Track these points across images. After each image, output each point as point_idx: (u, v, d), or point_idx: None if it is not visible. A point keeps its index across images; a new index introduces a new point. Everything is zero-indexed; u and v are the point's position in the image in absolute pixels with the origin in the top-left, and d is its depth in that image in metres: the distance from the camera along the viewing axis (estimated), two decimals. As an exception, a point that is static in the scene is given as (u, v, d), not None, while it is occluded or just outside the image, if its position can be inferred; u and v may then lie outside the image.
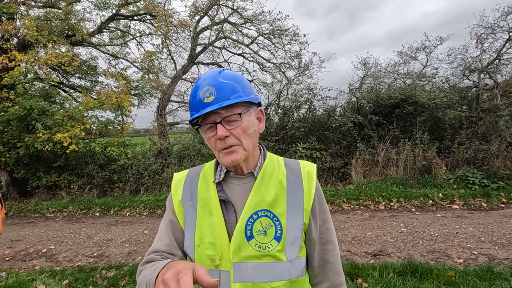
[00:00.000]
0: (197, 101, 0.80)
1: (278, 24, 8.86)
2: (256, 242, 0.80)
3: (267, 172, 0.87)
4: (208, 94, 0.78)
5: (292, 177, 0.88)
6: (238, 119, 0.81)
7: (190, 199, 0.88)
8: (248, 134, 0.83)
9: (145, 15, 9.15)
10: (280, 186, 0.85)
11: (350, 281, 2.91)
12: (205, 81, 0.81)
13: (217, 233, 0.82)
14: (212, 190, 0.87)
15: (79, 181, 7.58)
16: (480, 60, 7.04)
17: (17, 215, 6.64)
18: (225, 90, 0.79)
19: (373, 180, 6.27)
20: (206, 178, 0.90)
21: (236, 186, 0.87)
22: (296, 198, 0.85)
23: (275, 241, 0.80)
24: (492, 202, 5.06)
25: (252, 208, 0.82)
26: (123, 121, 8.23)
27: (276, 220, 0.81)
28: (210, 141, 0.82)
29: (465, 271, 2.89)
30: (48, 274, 3.51)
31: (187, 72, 9.55)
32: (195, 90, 0.82)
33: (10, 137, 7.20)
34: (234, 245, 0.79)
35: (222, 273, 0.80)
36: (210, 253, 0.81)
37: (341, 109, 7.82)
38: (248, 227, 0.80)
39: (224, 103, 0.78)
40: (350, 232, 4.30)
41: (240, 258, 0.79)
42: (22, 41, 7.72)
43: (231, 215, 0.83)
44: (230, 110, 0.80)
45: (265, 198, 0.83)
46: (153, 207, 6.21)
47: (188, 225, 0.86)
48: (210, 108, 0.77)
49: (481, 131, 6.31)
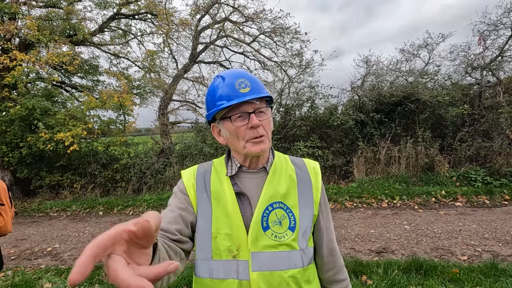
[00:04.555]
0: (231, 91, 0.84)
1: (279, 22, 8.86)
2: (272, 232, 0.84)
3: (278, 167, 0.92)
4: (244, 85, 0.84)
5: (300, 172, 0.93)
6: (268, 112, 0.88)
7: (205, 191, 0.90)
8: (270, 127, 0.90)
9: (146, 14, 9.14)
10: (291, 180, 0.90)
11: (355, 278, 2.92)
12: (235, 75, 0.86)
13: (234, 224, 0.84)
14: (226, 184, 0.89)
15: (82, 180, 7.60)
16: (483, 57, 7.01)
17: (21, 215, 6.67)
18: (257, 83, 0.88)
19: (376, 178, 6.27)
20: (218, 172, 0.93)
21: (249, 180, 0.90)
22: (306, 191, 0.91)
23: (290, 231, 0.85)
24: (495, 199, 5.06)
25: (267, 200, 0.86)
26: (125, 121, 8.25)
27: (289, 212, 0.87)
28: (239, 130, 0.84)
29: (469, 268, 2.89)
30: (54, 272, 3.54)
31: (188, 71, 9.54)
32: (226, 82, 0.85)
33: (13, 136, 7.22)
34: (252, 236, 0.83)
35: (240, 263, 0.82)
36: (228, 243, 0.83)
37: (343, 107, 7.81)
38: (264, 218, 0.85)
39: (261, 94, 0.85)
40: (354, 230, 4.31)
41: (257, 248, 0.83)
42: (24, 41, 7.74)
43: (246, 207, 0.86)
44: (261, 103, 0.87)
45: (278, 191, 0.87)
46: (156, 206, 6.23)
47: (203, 216, 0.87)
48: (248, 97, 0.82)
49: (484, 129, 6.30)
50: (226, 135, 0.88)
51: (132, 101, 8.43)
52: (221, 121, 0.88)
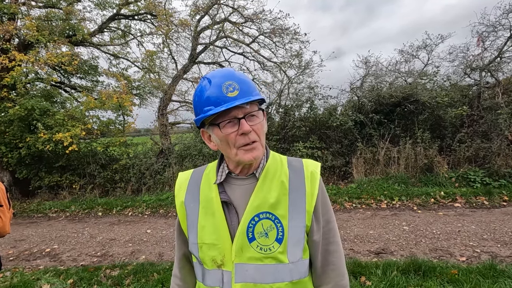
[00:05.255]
0: (218, 95, 0.76)
1: (279, 23, 8.86)
2: (258, 244, 0.80)
3: (270, 173, 0.86)
4: (232, 88, 0.77)
5: (294, 178, 0.86)
6: (260, 115, 0.82)
7: (193, 201, 0.89)
8: (263, 131, 0.84)
9: (145, 15, 9.14)
10: (282, 187, 0.84)
11: (354, 279, 2.92)
12: (222, 77, 0.79)
13: (219, 234, 0.83)
14: (214, 192, 0.86)
15: (81, 181, 7.60)
16: (482, 58, 7.04)
17: (20, 215, 6.66)
18: (247, 85, 0.80)
19: (375, 179, 6.27)
20: (208, 179, 0.90)
21: (238, 187, 0.86)
22: (298, 200, 0.83)
23: (277, 243, 0.80)
24: (494, 200, 5.07)
25: (253, 211, 0.81)
26: (125, 121, 8.24)
27: (278, 222, 0.81)
28: (229, 137, 0.79)
29: (468, 269, 2.90)
30: (52, 273, 3.53)
31: (188, 71, 9.54)
32: (213, 85, 0.78)
33: (12, 137, 7.22)
34: (237, 247, 0.81)
35: (225, 273, 0.82)
36: (213, 253, 0.83)
37: (342, 108, 7.82)
38: (250, 229, 0.81)
39: (251, 98, 0.78)
40: (353, 231, 4.32)
41: (242, 259, 0.80)
42: (23, 41, 7.73)
43: (233, 217, 0.83)
44: (252, 106, 0.80)
45: (267, 199, 0.82)
46: (155, 207, 6.23)
47: (191, 227, 0.88)
48: (237, 102, 0.75)
49: (483, 130, 6.31)
50: (217, 142, 0.83)
51: (131, 102, 8.42)
52: (210, 127, 0.82)
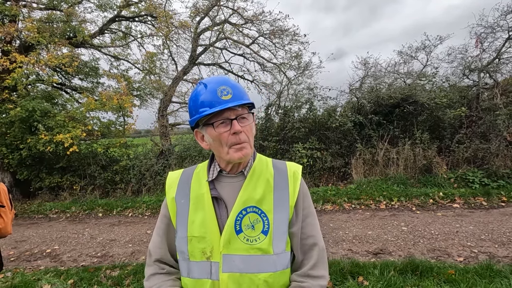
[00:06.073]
0: (212, 98, 0.85)
1: (278, 24, 8.90)
2: (245, 236, 0.87)
3: (256, 172, 0.94)
4: (226, 92, 0.86)
5: (278, 177, 0.94)
6: (250, 118, 0.91)
7: (183, 197, 0.95)
8: (252, 133, 0.92)
9: (146, 17, 9.19)
10: (268, 184, 0.92)
11: (352, 279, 2.95)
12: (217, 83, 0.88)
13: (208, 227, 0.88)
14: (205, 188, 0.93)
15: (81, 182, 7.62)
16: (480, 60, 7.07)
17: (20, 216, 6.69)
18: (239, 90, 0.90)
19: (374, 180, 6.30)
20: (199, 177, 0.97)
21: (227, 184, 0.94)
22: (282, 196, 0.92)
23: (263, 235, 0.87)
24: (492, 200, 5.09)
25: (241, 205, 0.89)
26: (125, 122, 8.28)
27: (263, 216, 0.88)
28: (222, 136, 0.86)
29: (465, 269, 2.92)
30: (53, 274, 3.56)
31: (188, 73, 9.58)
32: (208, 90, 0.87)
33: (13, 138, 7.25)
34: (225, 238, 0.86)
35: (213, 264, 0.87)
36: (202, 246, 0.88)
37: (342, 109, 7.85)
38: (238, 222, 0.87)
39: (242, 101, 0.87)
40: (351, 231, 4.34)
41: (230, 251, 0.86)
42: (24, 43, 7.78)
43: (223, 211, 0.90)
44: (243, 109, 0.89)
45: (253, 195, 0.90)
46: (156, 208, 6.25)
47: (181, 222, 0.93)
48: (230, 104, 0.84)
49: (481, 130, 6.34)
50: (210, 141, 0.90)
51: (132, 103, 8.46)
52: (204, 127, 0.90)
